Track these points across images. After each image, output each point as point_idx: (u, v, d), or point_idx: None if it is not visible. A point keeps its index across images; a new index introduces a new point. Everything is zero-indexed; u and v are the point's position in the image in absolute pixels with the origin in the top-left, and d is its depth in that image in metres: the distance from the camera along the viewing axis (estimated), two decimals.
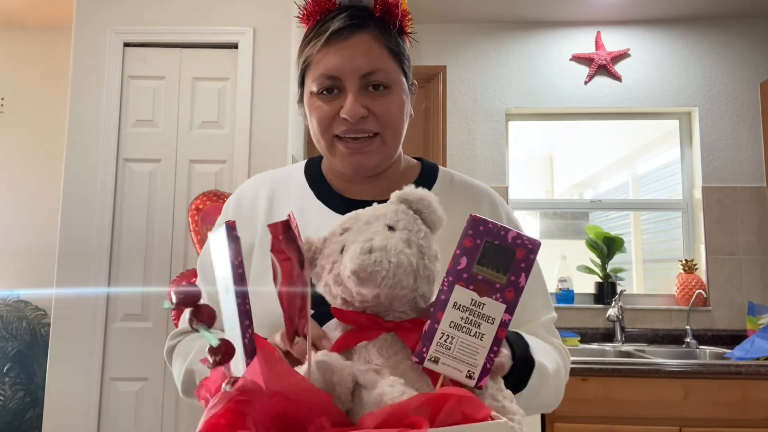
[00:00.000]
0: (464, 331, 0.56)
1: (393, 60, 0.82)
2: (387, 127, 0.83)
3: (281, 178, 0.95)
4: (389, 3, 0.83)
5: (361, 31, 0.80)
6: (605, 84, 3.15)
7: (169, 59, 2.56)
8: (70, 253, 2.45)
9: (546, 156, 4.27)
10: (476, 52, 3.19)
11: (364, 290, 0.58)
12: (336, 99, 0.81)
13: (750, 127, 3.06)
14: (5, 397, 2.92)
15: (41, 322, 3.08)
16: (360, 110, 0.79)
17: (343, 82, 0.80)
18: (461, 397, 0.50)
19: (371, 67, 0.80)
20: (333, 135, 0.83)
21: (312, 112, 0.84)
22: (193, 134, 2.53)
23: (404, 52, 0.85)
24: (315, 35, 0.82)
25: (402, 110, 0.84)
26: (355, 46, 0.80)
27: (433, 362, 0.56)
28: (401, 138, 0.86)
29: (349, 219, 0.65)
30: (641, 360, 2.36)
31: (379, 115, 0.81)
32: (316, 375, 0.55)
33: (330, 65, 0.80)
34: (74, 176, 2.49)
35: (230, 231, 0.53)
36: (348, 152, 0.83)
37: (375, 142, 0.83)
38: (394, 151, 0.87)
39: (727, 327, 2.88)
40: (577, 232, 3.31)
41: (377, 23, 0.82)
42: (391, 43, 0.82)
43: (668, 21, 3.14)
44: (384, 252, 0.57)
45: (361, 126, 0.81)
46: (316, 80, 0.81)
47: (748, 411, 2.14)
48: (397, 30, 0.84)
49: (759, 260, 2.94)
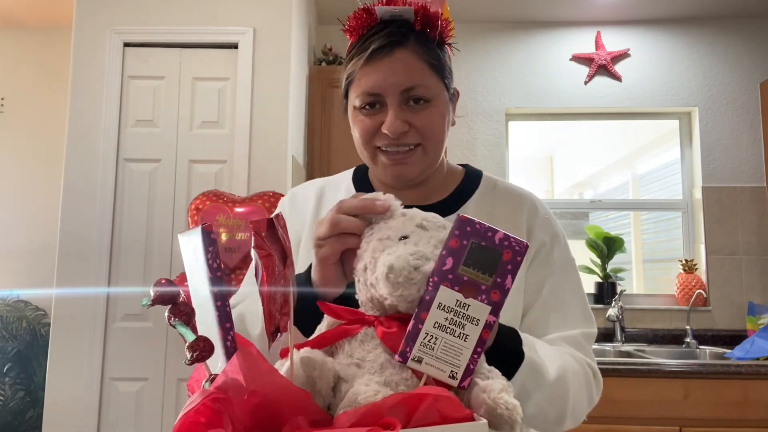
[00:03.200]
0: (448, 332, 0.56)
1: (433, 73, 0.83)
2: (428, 138, 0.84)
3: (332, 182, 1.00)
4: (429, 15, 0.83)
5: (400, 48, 0.81)
6: (605, 84, 3.15)
7: (169, 59, 2.56)
8: (70, 253, 2.45)
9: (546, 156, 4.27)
10: (476, 52, 3.19)
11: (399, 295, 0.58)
12: (378, 114, 0.83)
13: (750, 127, 3.06)
14: (5, 397, 2.93)
15: (41, 322, 3.08)
16: (401, 126, 0.81)
17: (384, 97, 0.82)
18: (437, 397, 0.49)
19: (411, 83, 0.81)
20: (375, 146, 0.85)
21: (355, 125, 0.86)
22: (193, 134, 2.53)
23: (444, 63, 0.86)
24: (357, 52, 0.83)
25: (443, 121, 0.86)
26: (395, 63, 0.81)
27: (416, 362, 0.56)
28: (442, 147, 0.88)
29: (411, 226, 0.64)
30: (641, 360, 2.36)
31: (420, 128, 0.83)
32: (298, 371, 0.56)
33: (371, 83, 0.82)
34: (74, 176, 2.49)
35: (206, 234, 0.53)
36: (390, 163, 0.85)
37: (416, 153, 0.84)
38: (436, 160, 0.88)
39: (727, 327, 2.88)
40: (577, 232, 3.31)
41: (417, 37, 0.83)
42: (430, 56, 0.83)
43: (668, 21, 3.14)
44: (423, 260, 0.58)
45: (403, 140, 0.83)
46: (359, 96, 0.84)
47: (748, 411, 2.14)
48: (438, 41, 0.85)
49: (759, 260, 2.94)
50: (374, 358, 0.58)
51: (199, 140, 2.53)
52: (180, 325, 0.58)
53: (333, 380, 0.57)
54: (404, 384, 0.57)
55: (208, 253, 0.53)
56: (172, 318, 0.57)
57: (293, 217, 0.95)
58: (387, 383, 0.56)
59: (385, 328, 0.59)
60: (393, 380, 0.56)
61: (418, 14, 0.83)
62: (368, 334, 0.60)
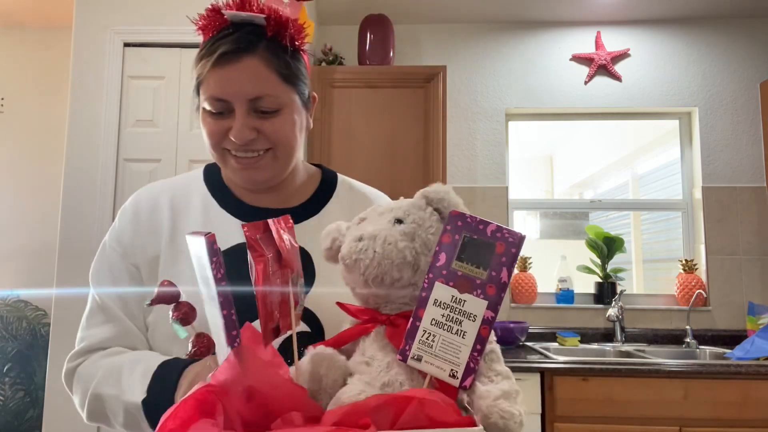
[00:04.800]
0: (446, 329, 0.55)
1: (282, 83, 0.81)
2: (278, 144, 0.83)
3: (180, 186, 0.95)
4: (281, 22, 0.81)
5: (248, 55, 0.79)
6: (605, 84, 3.15)
7: (169, 59, 2.56)
8: (71, 253, 2.44)
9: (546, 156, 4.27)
10: (476, 52, 3.18)
11: (351, 277, 0.60)
12: (226, 119, 0.81)
13: (750, 127, 3.06)
14: (5, 397, 2.92)
15: (41, 322, 3.08)
16: (248, 134, 0.80)
17: (231, 104, 0.80)
18: (423, 399, 0.48)
19: (258, 93, 0.79)
20: (224, 148, 0.84)
21: (204, 126, 0.85)
22: (193, 134, 2.53)
23: (296, 71, 0.83)
24: (206, 54, 0.80)
25: (293, 128, 0.84)
26: (243, 71, 0.78)
27: (416, 360, 0.55)
28: (294, 152, 0.86)
29: (369, 209, 0.66)
30: (641, 360, 2.36)
31: (269, 135, 0.81)
32: (306, 366, 0.56)
33: (219, 89, 0.79)
34: (74, 176, 2.49)
35: (210, 244, 0.53)
36: (239, 167, 0.84)
37: (266, 157, 0.83)
38: (287, 164, 0.87)
39: (727, 327, 2.88)
40: (577, 232, 3.31)
41: (269, 44, 0.80)
42: (280, 66, 0.81)
43: (668, 21, 3.14)
44: (371, 241, 0.58)
45: (251, 146, 0.82)
46: (207, 100, 0.81)
47: (748, 411, 2.14)
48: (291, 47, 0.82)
49: (759, 260, 2.94)
50: (382, 357, 0.58)
51: (199, 140, 2.50)
52: (175, 322, 0.59)
53: (341, 378, 0.56)
54: (409, 383, 0.56)
55: (212, 264, 0.53)
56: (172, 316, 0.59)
57: (142, 231, 0.90)
58: (391, 383, 0.56)
59: (394, 326, 0.59)
60: (398, 379, 0.56)
61: (270, 20, 0.80)
62: (380, 333, 0.60)
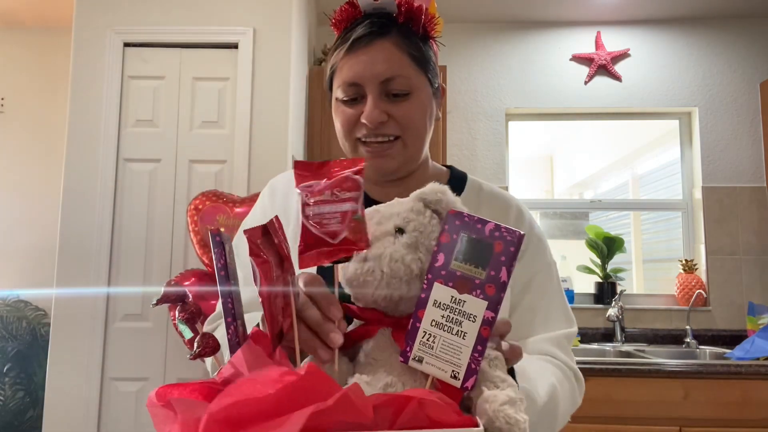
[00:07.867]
0: (446, 330, 0.54)
1: (414, 66, 0.83)
2: (408, 130, 0.84)
3: None
4: (412, 9, 0.83)
5: (381, 38, 0.81)
6: (605, 84, 3.15)
7: (169, 59, 2.56)
8: (70, 253, 2.44)
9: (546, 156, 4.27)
10: (476, 52, 3.19)
11: (360, 295, 0.60)
12: (358, 104, 0.83)
13: (750, 127, 3.06)
14: (5, 397, 2.92)
15: (41, 322, 3.08)
16: (379, 116, 0.81)
17: (364, 88, 0.82)
18: (423, 399, 0.48)
19: (390, 74, 0.81)
20: (355, 138, 0.85)
21: (336, 117, 0.86)
22: (193, 134, 2.53)
23: (428, 57, 0.85)
24: (340, 43, 0.84)
25: (424, 115, 0.85)
26: (375, 53, 0.81)
27: (417, 361, 0.55)
28: (424, 141, 0.87)
29: (366, 216, 0.65)
30: (641, 360, 2.36)
31: (399, 119, 0.82)
32: None
33: (351, 73, 0.82)
34: (74, 176, 2.49)
35: (213, 236, 0.55)
36: (369, 155, 0.84)
37: (396, 145, 0.84)
38: (417, 154, 0.87)
39: (727, 327, 2.88)
40: (577, 232, 3.31)
41: (400, 29, 0.83)
42: (412, 49, 0.83)
43: (668, 21, 3.14)
44: (377, 261, 0.58)
45: (381, 130, 0.83)
46: (340, 87, 0.84)
47: (748, 411, 2.14)
48: (422, 35, 0.85)
49: (759, 260, 2.94)
50: (386, 358, 0.58)
51: (199, 140, 2.53)
52: (181, 322, 0.59)
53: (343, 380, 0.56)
54: (411, 384, 0.56)
55: (215, 254, 0.55)
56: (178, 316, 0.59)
57: (277, 208, 0.93)
58: (393, 383, 0.56)
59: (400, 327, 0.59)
60: (401, 380, 0.56)
61: (402, 7, 0.83)
62: (384, 334, 0.60)
